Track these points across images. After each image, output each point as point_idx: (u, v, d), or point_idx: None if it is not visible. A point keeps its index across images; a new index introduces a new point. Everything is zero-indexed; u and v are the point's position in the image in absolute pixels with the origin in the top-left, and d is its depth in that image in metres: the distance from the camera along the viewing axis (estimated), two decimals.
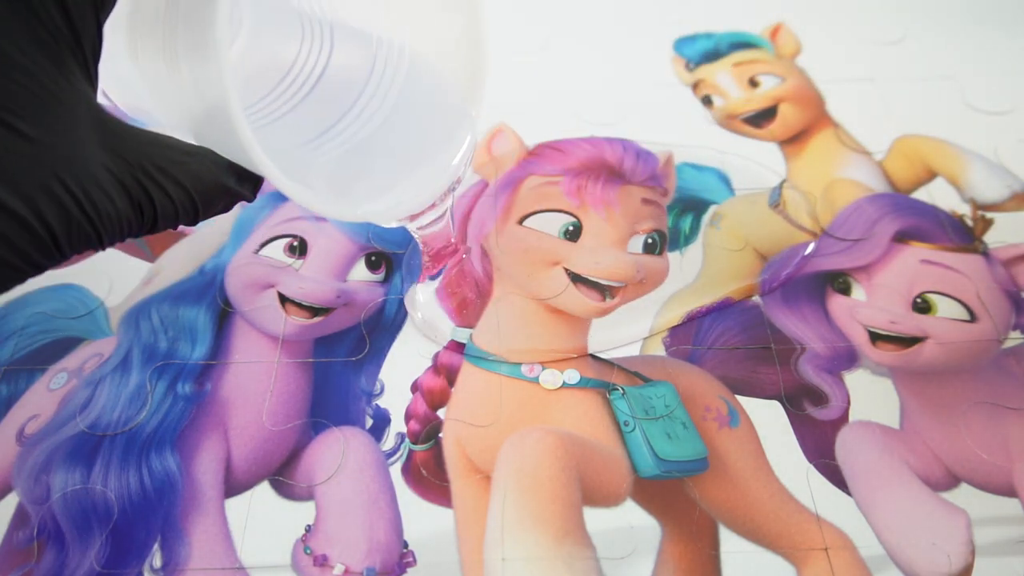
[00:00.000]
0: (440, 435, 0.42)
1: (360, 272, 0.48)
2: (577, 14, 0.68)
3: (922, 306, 0.46)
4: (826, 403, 0.43)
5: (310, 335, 0.46)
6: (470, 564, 0.37)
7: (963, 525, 0.38)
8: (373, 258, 0.49)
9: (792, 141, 0.57)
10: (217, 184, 0.26)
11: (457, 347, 0.45)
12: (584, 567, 0.37)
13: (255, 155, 0.24)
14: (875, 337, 0.45)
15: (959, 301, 0.46)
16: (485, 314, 0.46)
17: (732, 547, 0.38)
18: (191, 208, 0.25)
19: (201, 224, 0.51)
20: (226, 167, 0.26)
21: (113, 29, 0.24)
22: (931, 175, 0.54)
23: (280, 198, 0.52)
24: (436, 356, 0.45)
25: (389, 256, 0.49)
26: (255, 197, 0.28)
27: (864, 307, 0.46)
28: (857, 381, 0.43)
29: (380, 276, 0.48)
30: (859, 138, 0.56)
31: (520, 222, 0.49)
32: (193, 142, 0.25)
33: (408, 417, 0.42)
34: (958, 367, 0.44)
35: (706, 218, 0.51)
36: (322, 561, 0.37)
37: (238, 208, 0.52)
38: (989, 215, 0.50)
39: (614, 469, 0.40)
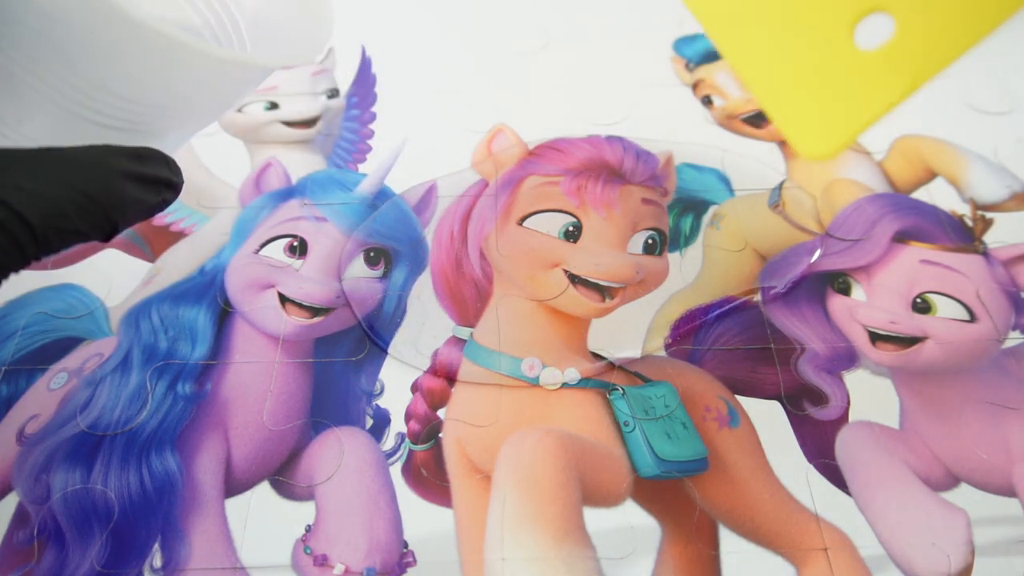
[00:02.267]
0: (440, 435, 0.42)
1: (359, 268, 0.48)
2: (577, 14, 0.68)
3: (922, 306, 0.46)
4: (826, 403, 0.43)
5: (310, 335, 0.46)
6: (470, 564, 0.37)
7: (963, 525, 0.38)
8: (372, 254, 0.49)
9: None
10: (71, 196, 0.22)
11: (457, 344, 0.45)
12: (584, 567, 0.37)
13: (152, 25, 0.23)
14: (875, 337, 0.45)
15: (959, 301, 0.46)
16: (485, 314, 0.46)
17: (732, 547, 0.38)
18: (25, 235, 0.22)
19: (197, 224, 0.52)
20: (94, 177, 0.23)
21: None
22: (931, 175, 0.54)
23: (280, 198, 0.52)
24: (435, 355, 0.45)
25: (388, 251, 0.49)
26: (161, 199, 0.25)
27: (864, 307, 0.46)
28: (857, 381, 0.43)
29: (379, 272, 0.48)
30: (859, 138, 0.56)
31: (520, 222, 0.49)
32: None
33: (408, 417, 0.42)
34: (958, 367, 0.44)
35: (706, 218, 0.51)
36: (322, 561, 0.37)
37: (238, 208, 0.52)
38: (989, 215, 0.50)
39: (614, 469, 0.40)
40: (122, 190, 0.24)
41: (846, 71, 0.27)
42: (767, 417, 0.42)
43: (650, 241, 0.48)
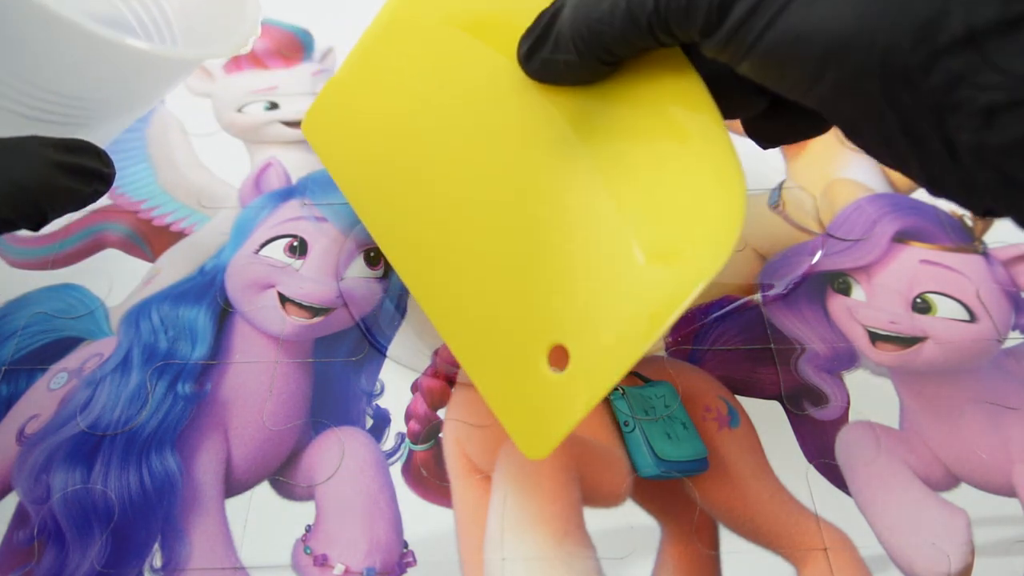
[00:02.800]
0: (440, 435, 0.42)
1: (359, 268, 0.48)
2: None
3: (922, 306, 0.46)
4: (826, 403, 0.43)
5: (310, 335, 0.46)
6: (470, 564, 0.37)
7: (963, 525, 0.38)
8: (372, 254, 0.49)
9: None
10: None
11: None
12: (584, 567, 0.37)
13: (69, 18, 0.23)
14: (875, 337, 0.45)
15: (959, 301, 0.46)
16: None
17: (732, 547, 0.38)
18: None
19: (198, 224, 0.52)
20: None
21: None
22: None
23: (280, 198, 0.52)
24: (435, 355, 0.45)
25: None
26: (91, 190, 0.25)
27: (864, 307, 0.46)
28: (857, 381, 0.43)
29: (379, 272, 0.48)
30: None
31: None
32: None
33: (408, 417, 0.42)
34: (958, 367, 0.44)
35: None
36: (322, 561, 0.37)
37: (238, 208, 0.52)
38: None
39: (614, 469, 0.40)
40: (53, 180, 0.24)
41: (540, 389, 0.32)
42: (767, 417, 0.42)
43: None
